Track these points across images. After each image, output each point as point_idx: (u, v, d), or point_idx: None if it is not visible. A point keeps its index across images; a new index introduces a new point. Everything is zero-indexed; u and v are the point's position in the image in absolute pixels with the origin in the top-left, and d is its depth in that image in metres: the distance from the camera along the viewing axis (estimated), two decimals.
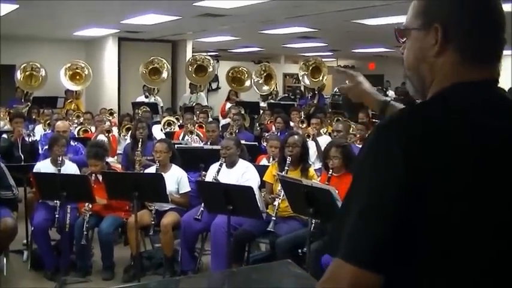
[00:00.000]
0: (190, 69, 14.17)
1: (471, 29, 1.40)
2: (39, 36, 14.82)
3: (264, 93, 14.35)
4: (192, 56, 15.15)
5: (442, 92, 1.41)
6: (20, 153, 8.13)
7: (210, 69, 14.29)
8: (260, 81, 14.38)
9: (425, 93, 1.48)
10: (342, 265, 1.29)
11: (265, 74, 14.46)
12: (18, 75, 13.54)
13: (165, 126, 10.47)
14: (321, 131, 9.09)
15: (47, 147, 6.96)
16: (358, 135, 8.41)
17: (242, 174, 6.04)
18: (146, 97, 13.83)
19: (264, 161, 7.12)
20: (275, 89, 14.80)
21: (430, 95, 1.45)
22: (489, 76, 1.42)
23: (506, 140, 1.35)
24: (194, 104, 13.45)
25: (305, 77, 13.76)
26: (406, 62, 1.53)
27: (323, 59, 14.60)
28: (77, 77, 14.00)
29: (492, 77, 1.43)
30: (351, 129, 9.08)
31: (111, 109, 12.71)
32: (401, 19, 1.54)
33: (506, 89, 14.38)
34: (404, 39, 1.54)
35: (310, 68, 13.68)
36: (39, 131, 9.89)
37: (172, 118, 10.87)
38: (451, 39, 1.40)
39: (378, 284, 1.29)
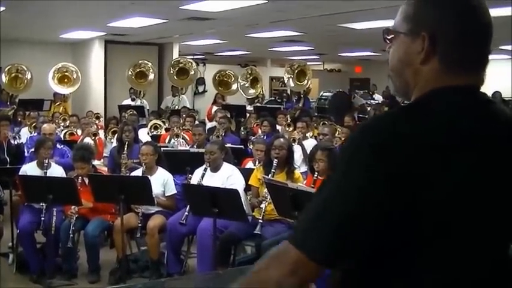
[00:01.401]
0: (172, 72, 14.16)
1: (458, 39, 1.41)
2: (26, 39, 14.76)
3: (250, 97, 14.38)
4: (175, 58, 15.13)
5: (425, 96, 1.42)
6: (6, 156, 8.09)
7: (192, 73, 14.28)
8: (246, 85, 14.41)
9: (409, 96, 1.49)
10: (291, 249, 1.32)
11: (251, 78, 14.49)
12: (3, 77, 13.47)
13: (152, 130, 10.48)
14: (307, 134, 9.12)
15: (33, 150, 6.94)
16: (343, 139, 8.44)
17: (227, 178, 6.05)
18: (133, 100, 13.81)
19: (249, 164, 7.14)
20: (261, 92, 14.83)
21: (413, 99, 1.47)
22: (472, 83, 1.44)
23: (486, 144, 1.37)
24: (177, 107, 13.47)
25: (290, 80, 13.80)
26: (391, 63, 1.55)
27: (310, 63, 14.63)
28: (65, 80, 13.95)
29: (475, 83, 1.45)
30: (337, 132, 9.12)
31: (98, 113, 12.68)
32: (387, 23, 1.57)
33: (507, 92, 14.51)
34: (391, 38, 1.55)
35: (296, 71, 13.73)
36: (25, 133, 9.83)
37: (159, 121, 10.88)
38: (438, 48, 1.41)
39: (316, 276, 1.33)
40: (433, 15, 1.43)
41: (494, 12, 8.55)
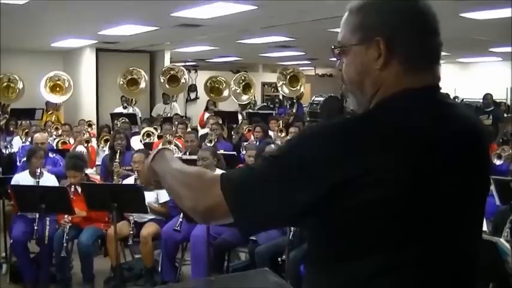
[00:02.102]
0: (163, 80, 14.14)
1: (412, 38, 1.42)
2: (17, 47, 14.68)
3: (243, 103, 14.37)
4: (166, 66, 15.08)
5: (387, 99, 1.43)
6: None
7: (183, 81, 14.23)
8: (238, 91, 14.39)
9: (369, 105, 1.49)
10: (220, 190, 1.41)
11: (243, 84, 14.48)
12: None
13: (145, 137, 10.47)
14: None
15: (25, 159, 6.93)
16: None
17: None
18: (124, 108, 13.79)
19: None
20: (253, 98, 14.82)
21: (374, 103, 1.47)
22: (431, 82, 1.46)
23: (443, 144, 1.38)
24: (169, 115, 13.44)
25: (283, 86, 13.80)
26: (347, 77, 1.54)
27: (302, 68, 14.62)
28: (57, 89, 13.90)
29: (434, 82, 1.47)
30: None
31: (90, 121, 12.67)
32: None
33: (498, 94, 14.58)
34: (342, 53, 1.54)
35: (288, 77, 13.73)
36: (17, 143, 9.82)
37: (151, 129, 10.86)
38: (394, 50, 1.42)
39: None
40: (383, 19, 1.44)
41: (486, 15, 8.61)
